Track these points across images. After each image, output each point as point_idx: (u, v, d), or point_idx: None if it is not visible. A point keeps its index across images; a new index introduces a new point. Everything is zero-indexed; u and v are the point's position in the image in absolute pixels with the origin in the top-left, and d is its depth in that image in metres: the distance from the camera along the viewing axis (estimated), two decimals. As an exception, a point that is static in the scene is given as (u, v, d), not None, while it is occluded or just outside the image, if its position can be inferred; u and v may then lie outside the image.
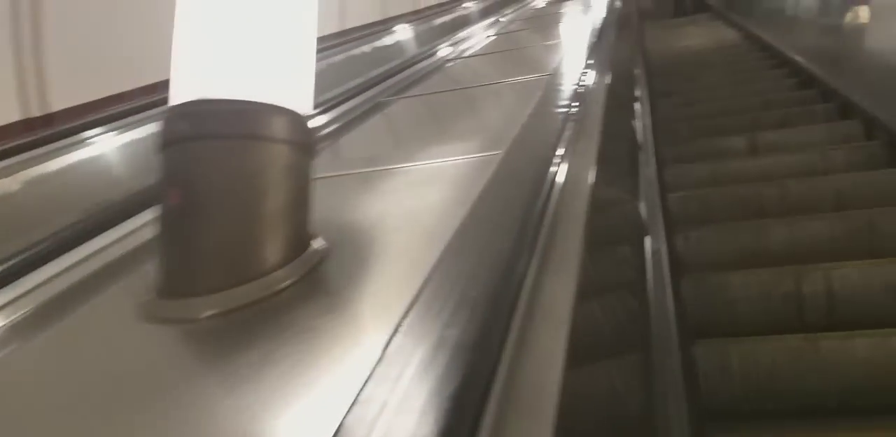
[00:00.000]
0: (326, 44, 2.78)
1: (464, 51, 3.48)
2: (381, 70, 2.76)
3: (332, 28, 4.64)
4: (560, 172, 1.13)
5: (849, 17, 4.11)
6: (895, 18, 3.42)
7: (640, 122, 3.88)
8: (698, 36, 8.03)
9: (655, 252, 2.36)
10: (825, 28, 4.61)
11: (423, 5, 8.00)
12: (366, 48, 3.07)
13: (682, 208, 3.05)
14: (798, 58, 4.95)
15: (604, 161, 1.55)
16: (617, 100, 2.91)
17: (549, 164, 1.11)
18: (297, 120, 0.90)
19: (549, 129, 1.31)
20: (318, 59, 0.96)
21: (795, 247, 2.53)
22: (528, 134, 1.35)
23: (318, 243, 0.93)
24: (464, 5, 8.74)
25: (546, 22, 4.65)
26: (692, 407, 1.68)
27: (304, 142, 0.90)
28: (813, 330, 2.18)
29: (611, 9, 4.64)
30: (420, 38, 3.75)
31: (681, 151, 3.86)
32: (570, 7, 5.22)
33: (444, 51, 3.57)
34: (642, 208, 2.62)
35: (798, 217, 2.64)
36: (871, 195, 2.74)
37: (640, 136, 3.63)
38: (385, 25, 4.04)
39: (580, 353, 0.95)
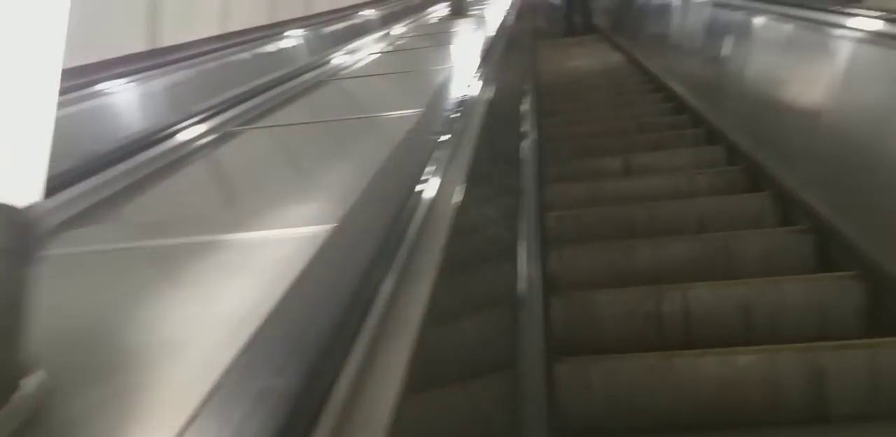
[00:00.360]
0: (200, 49, 2.65)
1: (343, 69, 3.33)
2: (252, 86, 2.56)
3: (212, 30, 4.42)
4: (422, 204, 1.08)
5: (722, 48, 4.38)
6: (763, 53, 3.67)
7: (527, 140, 3.98)
8: (586, 57, 8.34)
9: (529, 270, 2.42)
10: (700, 57, 4.90)
11: (315, 11, 7.80)
12: (245, 55, 2.94)
13: (558, 227, 3.15)
14: (672, 84, 5.23)
15: (474, 188, 1.57)
16: (501, 122, 2.95)
17: (388, 234, 0.91)
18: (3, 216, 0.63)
19: (406, 179, 1.14)
20: (189, 67, 0.83)
21: (659, 267, 2.65)
22: (375, 196, 1.16)
23: (34, 382, 0.64)
24: (354, 16, 8.57)
25: (436, 40, 4.60)
26: (553, 425, 1.72)
27: (13, 247, 0.64)
28: (672, 348, 2.28)
29: (503, 27, 4.71)
30: (305, 48, 3.65)
31: (562, 169, 3.98)
32: (463, 25, 5.25)
33: (323, 66, 3.39)
34: (520, 227, 2.68)
35: (663, 238, 2.78)
36: (728, 219, 2.92)
37: (525, 155, 3.71)
38: (269, 31, 3.89)
39: (432, 378, 0.94)
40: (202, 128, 1.99)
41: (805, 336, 2.18)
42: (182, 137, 1.88)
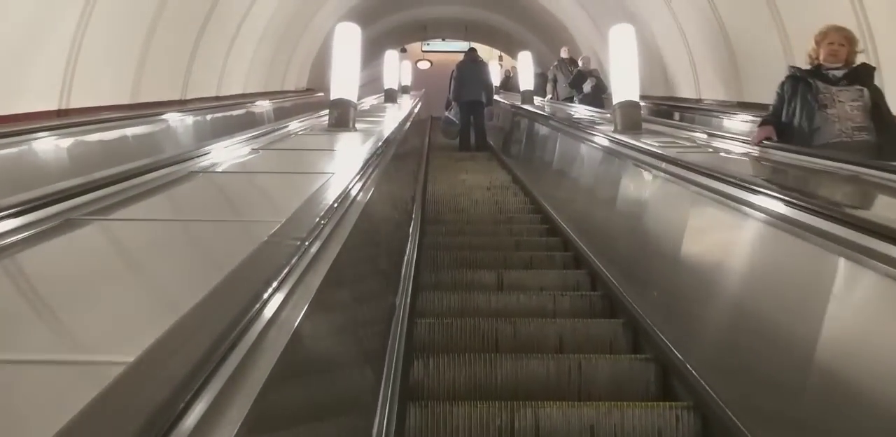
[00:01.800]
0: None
1: (153, 189, 2.30)
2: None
3: (51, 104, 4.11)
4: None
5: (592, 178, 4.78)
6: (630, 185, 4.03)
7: (407, 248, 4.11)
8: (475, 171, 8.79)
9: (390, 377, 2.47)
10: (575, 183, 5.30)
11: (190, 95, 7.54)
12: (68, 142, 2.13)
13: (427, 335, 3.24)
14: (548, 207, 5.60)
15: (329, 294, 1.60)
16: (376, 237, 2.95)
17: None
18: None
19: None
20: None
21: (516, 382, 2.77)
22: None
23: None
24: (221, 111, 8.03)
25: (301, 164, 3.44)
26: None
27: None
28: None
29: (394, 141, 4.69)
30: (132, 147, 2.91)
31: (439, 278, 4.13)
32: (344, 140, 4.30)
33: (111, 186, 2.13)
34: (389, 332, 2.74)
35: (523, 354, 2.91)
36: (584, 341, 3.11)
37: (405, 261, 3.82)
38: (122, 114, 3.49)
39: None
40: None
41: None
42: None
